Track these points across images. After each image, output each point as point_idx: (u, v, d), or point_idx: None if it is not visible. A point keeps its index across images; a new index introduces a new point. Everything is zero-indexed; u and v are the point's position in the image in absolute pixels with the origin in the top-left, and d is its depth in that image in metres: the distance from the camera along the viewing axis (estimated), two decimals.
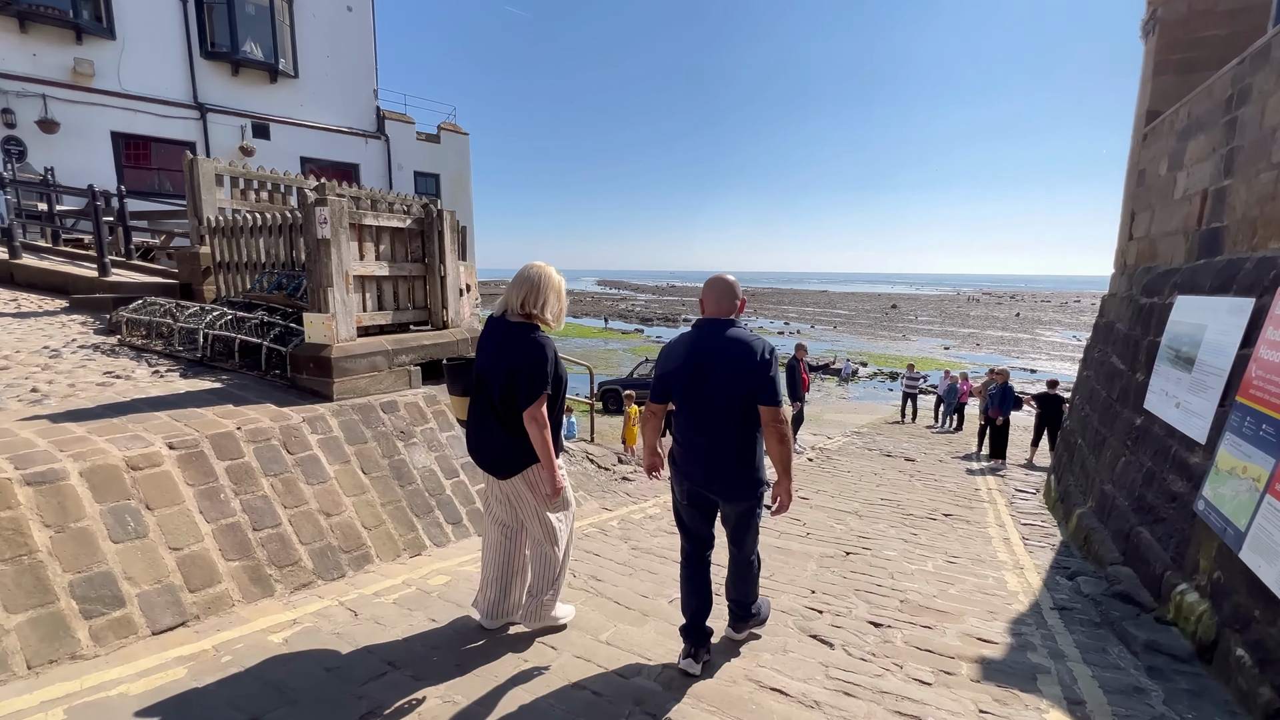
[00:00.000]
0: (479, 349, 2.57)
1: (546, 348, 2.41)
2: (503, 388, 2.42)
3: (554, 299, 2.48)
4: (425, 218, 5.20)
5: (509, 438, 2.47)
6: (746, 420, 2.43)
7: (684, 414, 2.54)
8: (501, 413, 2.46)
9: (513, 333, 2.43)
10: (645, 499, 5.97)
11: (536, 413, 2.38)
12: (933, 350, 41.26)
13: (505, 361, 2.41)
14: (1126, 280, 6.52)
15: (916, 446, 12.24)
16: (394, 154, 16.01)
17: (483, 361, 2.51)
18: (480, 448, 2.59)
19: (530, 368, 2.36)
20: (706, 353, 2.45)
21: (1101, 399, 6.13)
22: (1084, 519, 5.35)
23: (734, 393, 2.41)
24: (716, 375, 2.41)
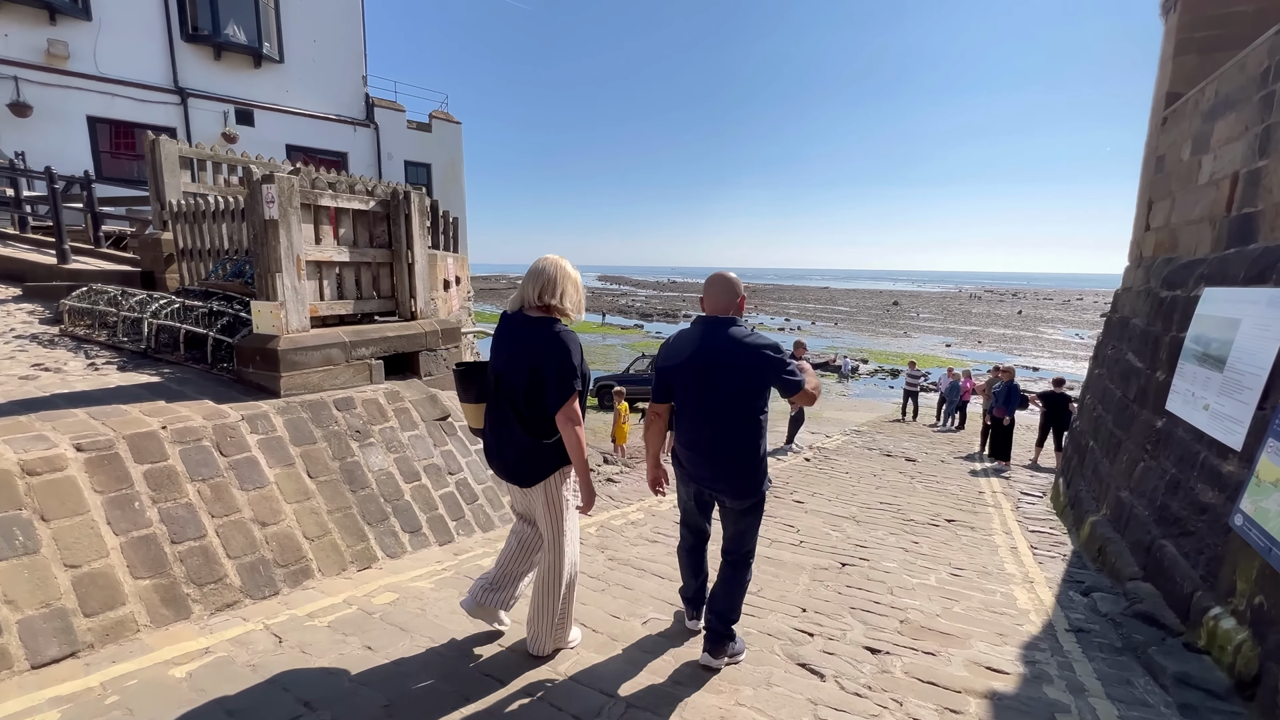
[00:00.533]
0: (494, 348, 2.38)
1: (572, 341, 2.27)
2: (527, 387, 2.26)
3: (572, 289, 2.33)
4: (391, 200, 4.82)
5: (533, 442, 2.30)
6: (750, 418, 2.41)
7: (688, 413, 2.49)
8: (525, 415, 2.29)
9: (534, 327, 2.27)
10: (629, 502, 5.61)
11: (571, 411, 2.23)
12: (934, 348, 40.88)
13: (528, 359, 2.24)
14: (1143, 273, 6.13)
15: (918, 446, 11.87)
16: (384, 142, 15.61)
17: (499, 362, 2.35)
18: (503, 455, 2.40)
19: (559, 363, 2.21)
20: (710, 350, 2.39)
21: (1116, 399, 5.76)
22: (1098, 528, 4.99)
23: (739, 390, 2.38)
24: (721, 373, 2.37)
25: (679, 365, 2.46)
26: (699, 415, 2.45)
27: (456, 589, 3.28)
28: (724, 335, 2.39)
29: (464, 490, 4.33)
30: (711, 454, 2.46)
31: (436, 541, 3.88)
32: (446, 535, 3.97)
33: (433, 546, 3.84)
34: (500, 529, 4.33)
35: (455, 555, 3.77)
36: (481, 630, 2.79)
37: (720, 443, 2.43)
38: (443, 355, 5.12)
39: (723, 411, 2.40)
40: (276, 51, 13.63)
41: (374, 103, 15.41)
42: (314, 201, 4.24)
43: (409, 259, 4.93)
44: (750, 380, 2.38)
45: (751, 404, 2.40)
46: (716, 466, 2.47)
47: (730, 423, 2.41)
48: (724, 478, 2.48)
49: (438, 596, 3.17)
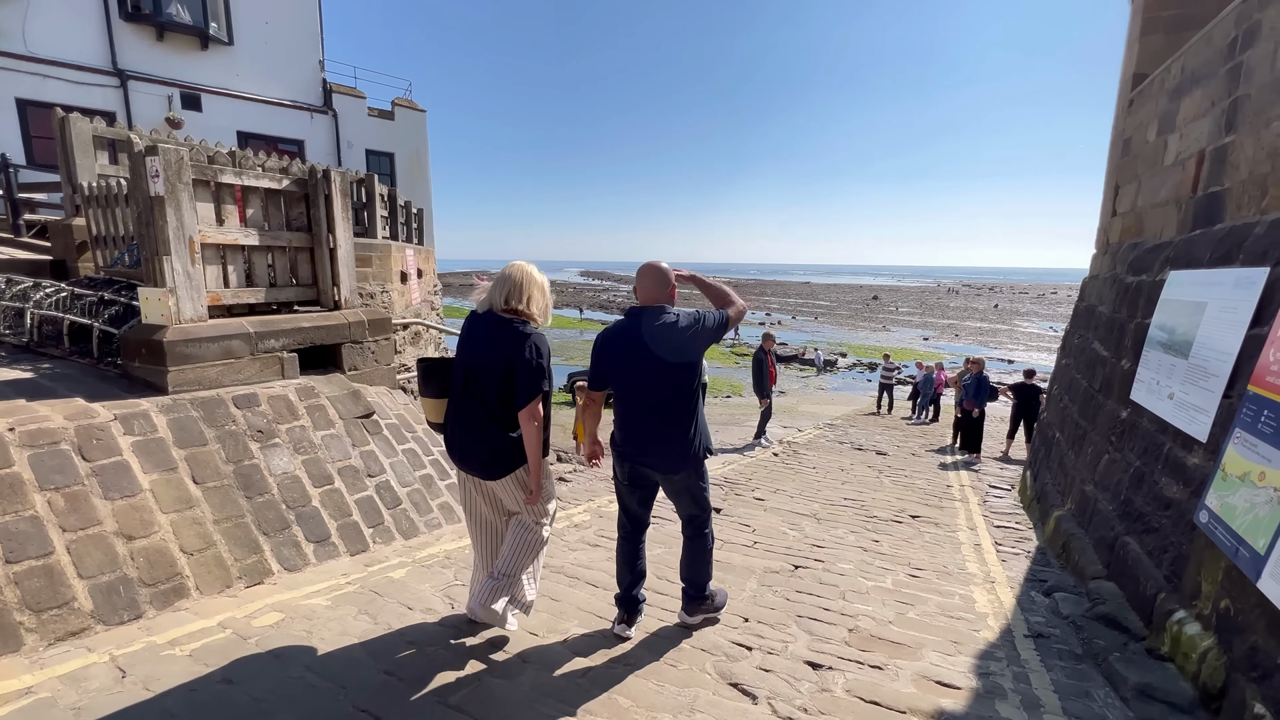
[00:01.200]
0: (463, 345, 2.46)
1: (543, 343, 2.40)
2: (500, 385, 2.36)
3: (538, 294, 2.45)
4: (309, 179, 4.42)
5: (504, 437, 2.41)
6: (680, 396, 2.55)
7: (622, 398, 2.63)
8: (497, 411, 2.39)
9: (507, 328, 2.37)
10: (577, 503, 5.29)
11: (535, 410, 2.36)
12: (912, 341, 41.18)
13: (502, 358, 2.34)
14: (1110, 259, 5.96)
15: (890, 439, 11.73)
16: (343, 130, 15.03)
17: (471, 358, 2.42)
18: (465, 450, 2.49)
19: (529, 365, 2.33)
20: (640, 338, 2.52)
21: (1082, 389, 5.58)
22: (1063, 523, 4.80)
23: (667, 373, 2.52)
24: (650, 358, 2.51)
25: (613, 353, 2.60)
26: (631, 398, 2.60)
27: (356, 606, 2.94)
28: (652, 325, 2.52)
29: (385, 494, 3.97)
30: (641, 431, 2.60)
31: (347, 551, 3.53)
32: (360, 544, 3.62)
33: (342, 557, 3.48)
34: (425, 535, 3.99)
35: (366, 567, 3.42)
36: (364, 658, 2.46)
37: (650, 420, 2.58)
38: (370, 348, 4.74)
39: (653, 393, 2.55)
40: (225, 33, 12.99)
41: (332, 89, 14.82)
42: (213, 178, 3.83)
43: (330, 243, 4.54)
44: (675, 362, 2.52)
45: (680, 385, 2.55)
46: (645, 442, 2.61)
47: (659, 402, 2.55)
48: (653, 452, 2.61)
49: (331, 616, 2.82)
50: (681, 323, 2.54)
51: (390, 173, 16.14)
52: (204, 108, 12.81)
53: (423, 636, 2.70)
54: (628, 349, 2.56)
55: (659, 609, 3.23)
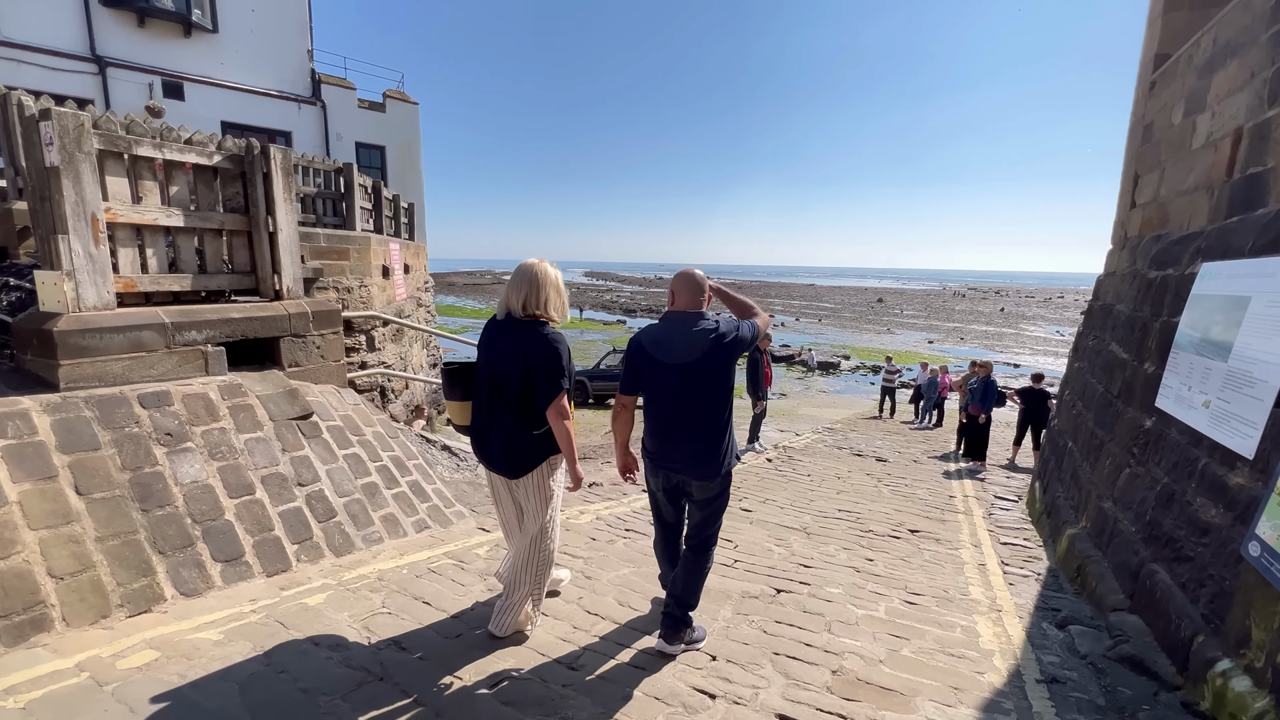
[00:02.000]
0: (485, 349, 2.54)
1: (561, 343, 2.45)
2: (520, 386, 2.43)
3: (554, 294, 2.47)
4: (245, 155, 4.01)
5: (526, 435, 2.48)
6: (714, 406, 2.54)
7: (656, 403, 2.60)
8: (519, 411, 2.46)
9: (525, 331, 2.44)
10: None
11: (560, 407, 2.44)
12: (917, 344, 40.63)
13: (521, 359, 2.41)
14: (1128, 254, 5.50)
15: (891, 445, 11.26)
16: (332, 122, 14.67)
17: (493, 361, 2.49)
18: (489, 449, 2.57)
19: (549, 363, 2.40)
20: (677, 344, 2.51)
21: (1097, 395, 5.12)
22: (1077, 542, 4.33)
23: (703, 380, 2.52)
24: (687, 365, 2.49)
25: (647, 358, 2.57)
26: (666, 405, 2.56)
27: (252, 641, 2.52)
28: (690, 329, 2.51)
29: (317, 505, 3.55)
30: (677, 440, 2.57)
31: (263, 572, 3.10)
32: (280, 563, 3.19)
33: (255, 579, 3.06)
34: (361, 552, 3.56)
35: (280, 591, 3.00)
36: (239, 715, 2.03)
37: (686, 430, 2.55)
38: (316, 343, 4.32)
39: (688, 400, 2.53)
40: (209, 20, 12.64)
41: (321, 79, 14.46)
42: (127, 150, 3.42)
43: (270, 226, 4.12)
44: (714, 369, 2.52)
45: (715, 393, 2.54)
46: (681, 452, 2.57)
47: (695, 411, 2.53)
48: (689, 462, 2.57)
49: (217, 654, 2.40)
50: (721, 329, 2.53)
51: (381, 166, 15.77)
52: (186, 97, 12.46)
53: (319, 682, 2.28)
54: (664, 353, 2.54)
55: (612, 642, 2.80)
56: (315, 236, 8.71)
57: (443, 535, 4.04)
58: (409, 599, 3.06)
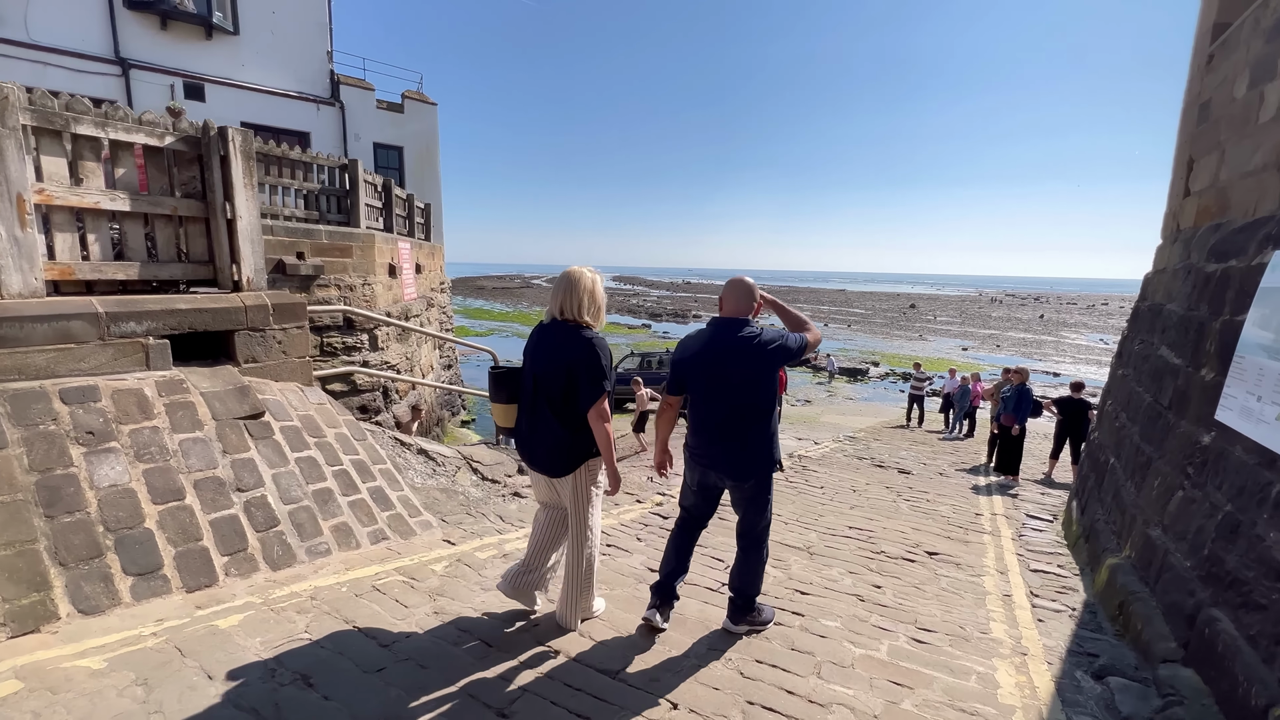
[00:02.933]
0: (530, 353, 2.63)
1: (601, 347, 2.53)
2: (564, 387, 2.51)
3: (588, 300, 2.56)
4: (201, 137, 3.77)
5: (568, 436, 2.55)
6: (754, 408, 2.64)
7: (698, 404, 2.73)
8: (561, 411, 2.54)
9: (568, 334, 2.53)
10: (524, 524, 4.50)
11: (601, 409, 2.52)
12: (950, 351, 39.28)
13: (565, 362, 2.49)
14: (1181, 248, 4.88)
15: (916, 456, 10.61)
16: (350, 123, 14.72)
17: (538, 365, 2.58)
18: (534, 449, 2.66)
19: (589, 367, 2.48)
20: (720, 349, 2.63)
21: (1145, 405, 4.52)
22: (1119, 575, 3.77)
23: (743, 384, 2.61)
24: (729, 369, 2.61)
25: (692, 360, 2.70)
26: (707, 405, 2.68)
27: (137, 672, 2.20)
28: (734, 335, 2.61)
29: (257, 512, 3.26)
30: (715, 441, 2.68)
31: (183, 587, 2.81)
32: (205, 577, 2.90)
33: (172, 595, 2.76)
34: (304, 565, 3.25)
35: (195, 609, 2.70)
36: None
37: (723, 431, 2.66)
38: (277, 337, 4.06)
39: (728, 402, 2.63)
40: (230, 22, 12.78)
41: (340, 80, 14.52)
42: (65, 128, 3.20)
43: (228, 213, 3.87)
44: (755, 375, 2.61)
45: (755, 396, 2.64)
46: (718, 452, 2.69)
47: (733, 414, 2.63)
48: (724, 459, 2.70)
49: (91, 688, 2.09)
50: (765, 336, 2.62)
51: (399, 167, 15.78)
52: (207, 98, 12.60)
53: None
54: (708, 356, 2.65)
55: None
56: (317, 233, 8.58)
57: (401, 547, 3.71)
58: (338, 622, 2.73)
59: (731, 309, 2.71)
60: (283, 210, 8.30)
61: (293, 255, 8.13)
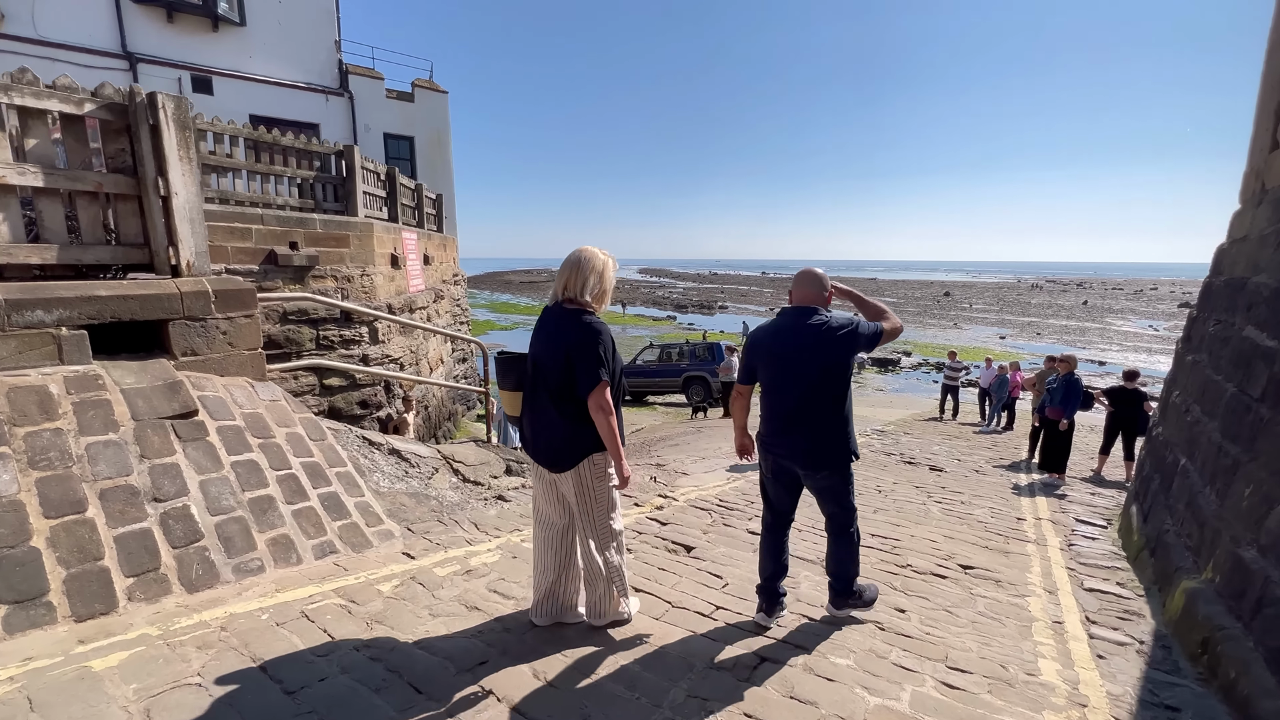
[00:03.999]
0: (534, 338, 2.52)
1: (600, 331, 2.40)
2: (561, 374, 2.40)
3: (594, 279, 2.43)
4: (127, 104, 3.38)
5: (568, 426, 2.43)
6: (825, 396, 2.64)
7: (771, 393, 2.76)
8: (558, 398, 2.42)
9: (567, 318, 2.41)
10: (500, 533, 4.04)
11: (600, 399, 2.37)
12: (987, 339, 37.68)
13: (561, 347, 2.38)
14: (1270, 209, 4.12)
15: (951, 451, 9.86)
16: (359, 113, 14.48)
17: (537, 349, 2.48)
18: (535, 440, 2.53)
19: (586, 351, 2.35)
20: (790, 338, 2.67)
21: (1227, 397, 3.81)
22: (1200, 603, 3.11)
23: (814, 373, 2.62)
24: (799, 358, 2.64)
25: (762, 349, 2.76)
26: (779, 393, 2.72)
27: None
28: (804, 324, 2.65)
29: (176, 525, 2.86)
30: (787, 430, 2.72)
31: (71, 615, 2.42)
32: (101, 603, 2.50)
33: (56, 625, 2.37)
34: (228, 585, 2.85)
35: (78, 644, 2.30)
36: None
37: (795, 419, 2.68)
38: (221, 327, 3.67)
39: (798, 390, 2.65)
40: (236, 13, 12.62)
41: (348, 70, 14.28)
42: None
43: (162, 190, 3.48)
44: (824, 362, 2.61)
45: (825, 384, 2.64)
46: (790, 441, 2.73)
47: (805, 402, 2.65)
48: (798, 448, 2.72)
49: None
50: (834, 324, 2.61)
51: (410, 157, 15.51)
52: (215, 90, 12.49)
53: None
54: (780, 345, 2.68)
55: None
56: (311, 222, 8.27)
57: (350, 562, 3.28)
58: (243, 660, 2.30)
59: (800, 297, 2.74)
60: (275, 199, 8.01)
61: (285, 245, 7.84)
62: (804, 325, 2.63)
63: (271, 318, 7.64)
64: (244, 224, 7.32)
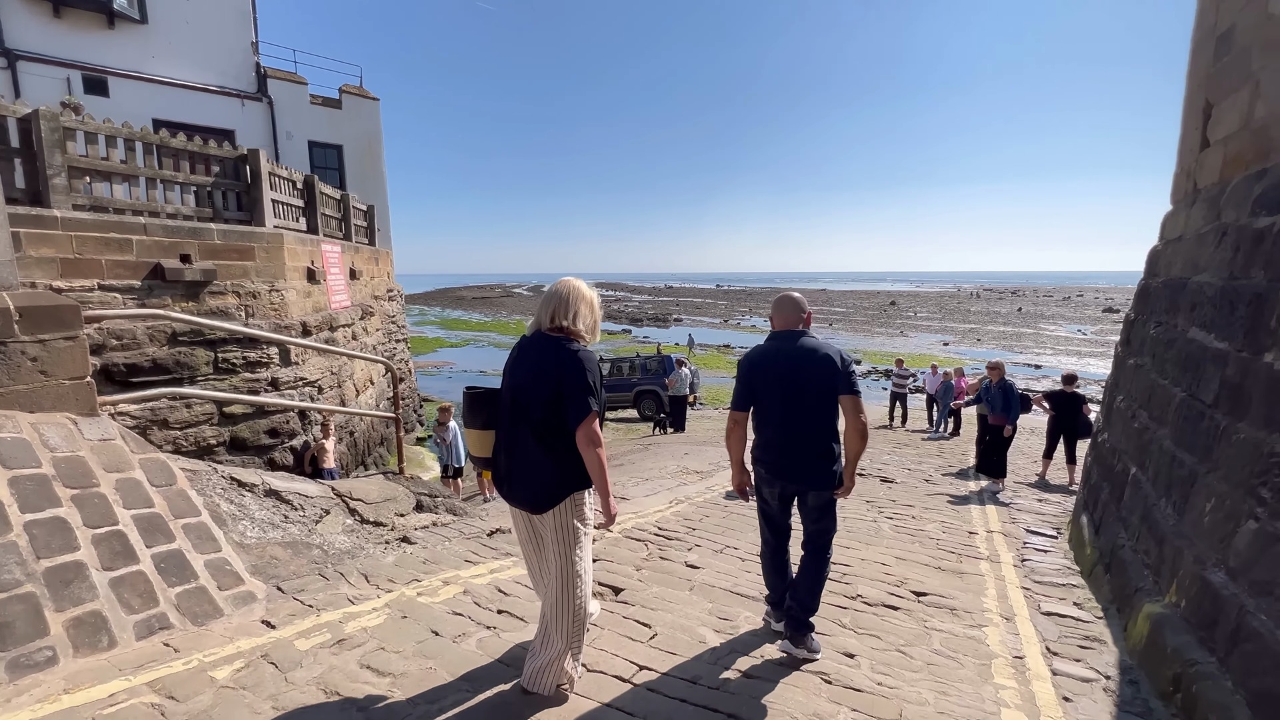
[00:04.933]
0: (510, 370, 2.38)
1: (590, 360, 2.28)
2: (546, 405, 2.25)
3: (585, 310, 2.36)
4: None
5: (556, 463, 2.27)
6: (827, 417, 2.75)
7: (772, 418, 2.80)
8: (546, 436, 2.26)
9: (552, 347, 2.28)
10: (394, 585, 3.44)
11: (590, 430, 2.24)
12: (931, 346, 38.88)
13: (549, 379, 2.24)
14: (1205, 208, 4.00)
15: (900, 460, 9.72)
16: (281, 120, 13.56)
17: (517, 379, 2.32)
18: (514, 481, 2.35)
19: (576, 382, 2.22)
20: (789, 360, 2.74)
21: (1176, 402, 3.61)
22: (1168, 632, 2.83)
23: (815, 394, 2.71)
24: (799, 379, 2.71)
25: (762, 375, 2.78)
26: (781, 418, 2.76)
27: None
28: (799, 346, 2.76)
29: None
30: (794, 452, 2.76)
31: None
32: None
33: None
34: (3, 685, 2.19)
35: None
36: None
37: (801, 442, 2.74)
38: (29, 353, 2.98)
39: (802, 413, 2.72)
40: (136, 8, 11.60)
41: (267, 73, 13.37)
42: None
43: None
44: (824, 383, 2.70)
45: (828, 401, 2.72)
46: (798, 464, 2.76)
47: (810, 423, 2.73)
48: (805, 474, 2.76)
49: None
50: (826, 344, 2.75)
51: (338, 167, 14.64)
52: (111, 92, 11.40)
53: None
54: (780, 368, 2.74)
55: None
56: (207, 232, 7.45)
57: (185, 640, 2.64)
58: None
59: (784, 321, 2.86)
60: (164, 207, 7.17)
61: (175, 258, 7.01)
62: (801, 346, 2.75)
63: (158, 339, 6.79)
64: (122, 234, 6.48)
